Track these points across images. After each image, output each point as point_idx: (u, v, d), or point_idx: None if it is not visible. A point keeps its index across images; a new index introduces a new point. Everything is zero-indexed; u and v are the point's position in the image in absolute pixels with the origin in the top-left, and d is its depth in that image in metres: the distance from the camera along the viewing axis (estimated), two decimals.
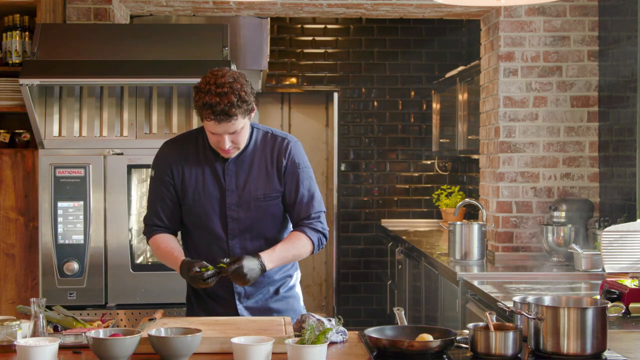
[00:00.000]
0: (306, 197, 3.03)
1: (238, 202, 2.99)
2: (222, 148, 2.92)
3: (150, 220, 3.08)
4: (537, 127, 4.96)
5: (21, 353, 2.34)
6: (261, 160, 3.02)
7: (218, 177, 3.00)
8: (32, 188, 4.30)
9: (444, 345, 2.47)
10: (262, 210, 3.01)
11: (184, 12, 5.16)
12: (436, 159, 7.68)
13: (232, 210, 3.00)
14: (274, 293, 3.11)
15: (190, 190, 3.01)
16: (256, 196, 2.99)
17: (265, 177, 3.01)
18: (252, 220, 3.00)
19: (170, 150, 3.05)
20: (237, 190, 2.99)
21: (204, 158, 3.02)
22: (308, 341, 2.36)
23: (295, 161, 3.03)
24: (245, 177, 3.00)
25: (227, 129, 2.85)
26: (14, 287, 4.32)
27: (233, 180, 3.00)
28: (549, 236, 4.73)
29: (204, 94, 2.81)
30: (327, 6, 5.10)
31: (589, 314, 2.42)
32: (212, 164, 3.01)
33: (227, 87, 2.81)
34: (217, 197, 3.00)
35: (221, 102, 2.79)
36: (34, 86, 3.97)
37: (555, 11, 4.95)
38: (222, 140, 2.89)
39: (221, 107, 2.79)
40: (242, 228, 3.00)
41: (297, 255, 3.01)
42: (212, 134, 2.89)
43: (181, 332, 2.50)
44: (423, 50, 7.68)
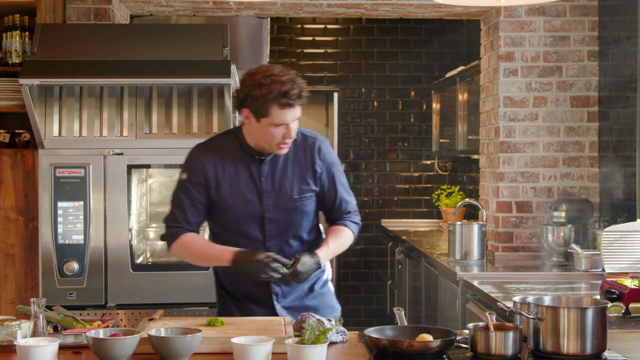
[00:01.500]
0: (345, 195, 3.11)
1: (275, 203, 3.00)
2: (289, 138, 2.92)
3: (176, 221, 3.02)
4: (537, 127, 4.96)
5: (21, 353, 2.34)
6: (294, 160, 3.04)
7: (254, 179, 3.00)
8: (32, 188, 4.30)
9: (444, 345, 2.47)
10: (298, 210, 3.03)
11: (184, 12, 5.16)
12: (436, 159, 7.68)
13: (269, 211, 3.00)
14: (309, 290, 3.12)
15: (225, 194, 3.00)
16: (292, 197, 3.01)
17: (300, 177, 3.03)
18: (289, 220, 3.03)
19: (203, 154, 3.04)
20: (274, 192, 3.00)
21: (239, 161, 3.01)
22: (308, 341, 2.36)
23: (329, 161, 3.09)
24: (280, 177, 3.01)
25: (295, 115, 2.89)
26: (14, 287, 4.33)
27: (269, 182, 3.00)
28: (549, 236, 4.73)
29: (272, 85, 2.83)
30: (327, 6, 5.10)
31: (589, 314, 2.42)
32: (247, 166, 3.01)
33: (288, 73, 2.88)
34: (254, 199, 2.99)
35: (294, 86, 2.84)
36: (34, 86, 3.97)
37: (555, 11, 4.95)
38: (288, 130, 2.90)
39: (295, 91, 2.84)
40: (279, 229, 3.02)
41: (344, 248, 3.09)
42: (276, 127, 2.88)
43: (181, 332, 2.50)
44: (423, 50, 7.68)
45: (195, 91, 4.21)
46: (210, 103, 4.20)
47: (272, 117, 2.87)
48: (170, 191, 3.11)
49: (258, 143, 2.97)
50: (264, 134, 2.92)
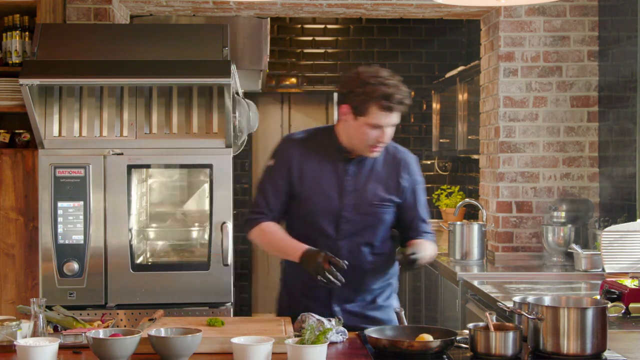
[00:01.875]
0: (424, 216, 3.15)
1: (354, 204, 3.02)
2: (382, 141, 2.96)
3: (259, 207, 3.08)
4: (537, 127, 4.96)
5: (21, 353, 2.35)
6: (383, 168, 3.08)
7: (338, 177, 3.03)
8: (32, 188, 4.29)
9: (443, 345, 2.47)
10: (375, 215, 3.05)
11: (184, 12, 5.16)
12: (436, 159, 7.68)
13: (347, 211, 3.02)
14: (371, 302, 3.11)
15: (306, 187, 3.03)
16: (372, 202, 3.03)
17: (384, 185, 3.06)
18: (364, 224, 3.04)
19: (293, 144, 3.09)
20: (355, 193, 3.03)
21: (327, 157, 3.05)
22: (308, 341, 2.36)
23: (415, 178, 3.15)
24: (364, 180, 3.04)
25: (392, 121, 2.94)
26: (14, 287, 4.32)
27: (352, 182, 3.03)
28: (549, 236, 4.73)
29: (377, 86, 2.88)
30: (327, 6, 5.10)
31: (589, 314, 2.42)
32: (335, 163, 3.04)
33: (395, 79, 2.94)
34: (334, 196, 3.02)
35: (398, 92, 2.90)
36: (34, 86, 3.96)
37: (555, 11, 4.95)
38: (382, 133, 2.94)
39: (399, 97, 2.90)
40: (353, 230, 3.03)
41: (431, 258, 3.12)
42: (372, 128, 2.93)
43: (181, 332, 2.50)
44: (423, 50, 7.68)
45: (195, 91, 4.21)
46: (210, 103, 4.20)
47: (370, 117, 2.91)
48: (170, 191, 3.12)
49: (351, 142, 3.01)
50: (359, 133, 2.96)
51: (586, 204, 4.85)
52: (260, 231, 3.06)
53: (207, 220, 4.13)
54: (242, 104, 4.38)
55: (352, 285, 3.01)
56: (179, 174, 4.49)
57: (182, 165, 4.26)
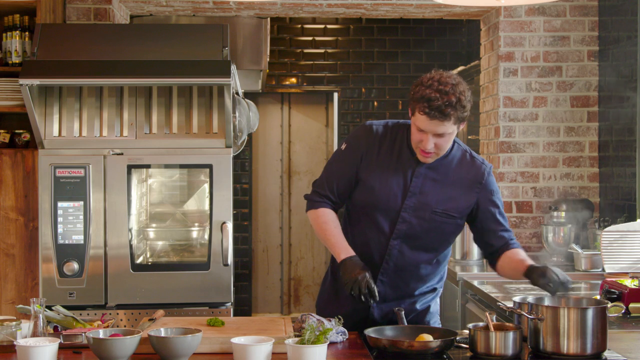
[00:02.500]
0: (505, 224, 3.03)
1: (415, 207, 2.95)
2: (422, 148, 2.87)
3: (323, 189, 3.04)
4: (537, 127, 4.96)
5: (21, 353, 2.35)
6: (455, 176, 2.97)
7: (405, 176, 2.96)
8: (32, 188, 4.29)
9: (443, 346, 2.47)
10: (434, 223, 2.96)
11: (184, 12, 5.16)
12: None
13: (406, 212, 2.95)
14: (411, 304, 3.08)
15: (371, 178, 2.97)
16: (434, 209, 2.95)
17: (452, 195, 2.96)
18: (421, 229, 2.96)
19: (369, 134, 3.01)
20: (418, 196, 2.95)
21: (398, 154, 2.97)
22: (308, 341, 2.36)
23: (490, 188, 3.01)
24: (431, 186, 2.96)
25: (436, 129, 2.81)
26: (14, 287, 4.32)
27: (419, 185, 2.95)
28: (549, 236, 4.73)
29: (424, 87, 2.81)
30: (327, 6, 5.10)
31: (589, 314, 2.42)
32: (406, 162, 2.97)
33: (450, 87, 2.81)
34: (397, 195, 2.95)
35: (441, 98, 2.78)
36: (34, 86, 3.96)
37: (555, 11, 4.95)
38: (425, 140, 2.84)
39: (438, 104, 2.77)
40: (408, 233, 2.96)
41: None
42: (418, 130, 2.85)
43: (181, 332, 2.50)
44: (423, 50, 7.68)
45: (195, 91, 4.21)
46: (210, 103, 4.20)
47: (415, 117, 2.84)
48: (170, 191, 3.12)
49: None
50: (412, 132, 2.90)
51: (586, 204, 4.85)
52: (317, 216, 3.02)
53: (207, 220, 4.13)
54: (242, 104, 4.38)
55: (395, 287, 2.99)
56: (178, 174, 4.49)
57: (182, 165, 4.26)
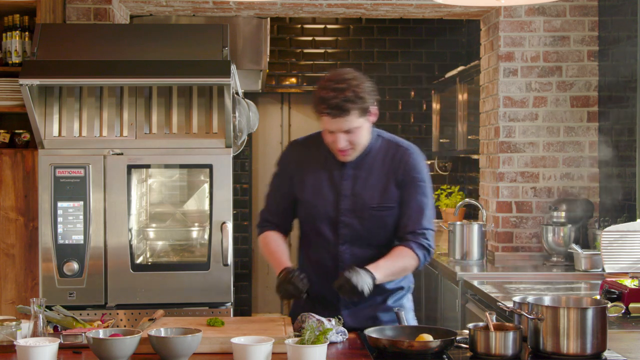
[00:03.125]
0: (415, 211, 2.95)
1: (351, 208, 2.96)
2: (337, 148, 2.90)
3: (264, 214, 3.14)
4: (537, 127, 4.96)
5: (21, 353, 2.35)
6: (381, 168, 2.99)
7: (335, 181, 2.98)
8: (32, 188, 4.29)
9: (443, 345, 2.47)
10: (375, 219, 2.97)
11: (184, 12, 5.16)
12: (436, 159, 7.67)
13: (345, 215, 2.97)
14: (382, 302, 3.05)
15: (306, 191, 3.01)
16: (371, 205, 2.96)
17: (383, 187, 2.97)
18: (364, 227, 2.97)
19: (293, 150, 3.10)
20: (352, 197, 2.97)
21: (324, 161, 3.02)
22: (308, 341, 2.36)
23: (412, 174, 2.98)
24: (362, 184, 2.97)
25: (342, 126, 2.85)
26: (13, 287, 4.32)
27: (349, 186, 2.98)
28: (549, 236, 4.73)
29: (321, 90, 2.85)
30: (327, 6, 5.10)
31: (589, 314, 2.42)
32: (332, 167, 3.00)
33: (345, 83, 2.84)
34: (332, 201, 2.97)
35: (337, 96, 2.81)
36: (34, 86, 3.96)
37: (555, 11, 4.95)
38: (336, 139, 2.88)
39: (336, 101, 2.80)
40: (353, 235, 2.97)
41: (403, 270, 2.95)
42: (328, 132, 2.90)
43: (181, 332, 2.50)
44: (423, 50, 7.68)
45: (195, 91, 4.21)
46: (210, 103, 4.20)
47: (321, 121, 2.90)
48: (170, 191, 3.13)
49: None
50: (324, 136, 2.96)
51: (586, 204, 4.85)
52: (262, 239, 3.13)
53: (207, 220, 4.13)
54: (242, 104, 4.38)
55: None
56: (178, 174, 4.49)
57: (182, 165, 4.26)
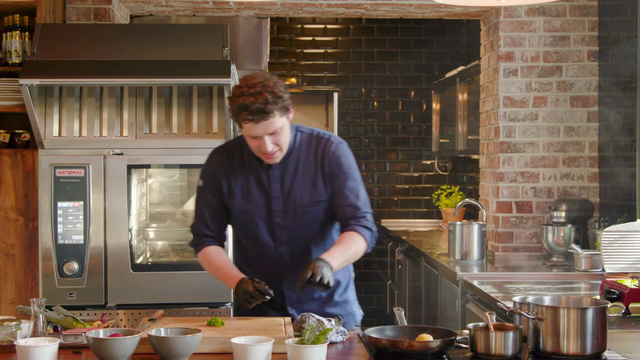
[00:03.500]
0: (350, 198, 2.95)
1: (284, 209, 2.96)
2: (264, 152, 2.88)
3: (198, 229, 3.06)
4: (537, 127, 4.96)
5: (21, 353, 2.34)
6: (306, 164, 2.97)
7: (263, 184, 2.97)
8: (32, 188, 4.29)
9: (443, 346, 2.47)
10: (308, 215, 2.97)
11: (184, 12, 5.16)
12: (436, 159, 7.68)
13: (278, 217, 2.96)
14: (328, 299, 3.06)
15: (236, 199, 2.98)
16: (302, 202, 2.95)
17: (311, 182, 2.96)
18: (299, 226, 2.97)
19: (216, 159, 3.04)
20: (282, 197, 2.96)
21: (249, 165, 2.99)
22: (308, 341, 2.36)
23: (338, 163, 2.98)
24: (290, 183, 2.96)
25: (267, 129, 2.81)
26: (13, 287, 4.32)
27: (278, 187, 2.96)
28: (548, 236, 4.73)
29: (237, 98, 2.80)
30: (327, 6, 5.10)
31: (589, 314, 2.42)
32: (257, 171, 2.98)
33: (260, 86, 2.79)
34: (263, 204, 2.96)
35: (256, 100, 2.77)
36: (34, 86, 3.96)
37: (555, 11, 4.95)
38: (263, 143, 2.84)
39: (257, 106, 2.77)
40: (289, 234, 2.97)
41: (355, 254, 2.92)
42: (252, 138, 2.86)
43: (181, 332, 2.50)
44: (423, 50, 7.68)
45: (195, 91, 4.21)
46: (210, 103, 4.20)
47: (243, 129, 2.85)
48: (170, 191, 3.12)
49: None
50: (248, 143, 2.91)
51: (586, 204, 4.85)
52: (204, 256, 3.05)
53: None
54: None
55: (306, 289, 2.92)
56: (178, 174, 4.49)
57: (182, 165, 4.26)
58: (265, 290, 2.79)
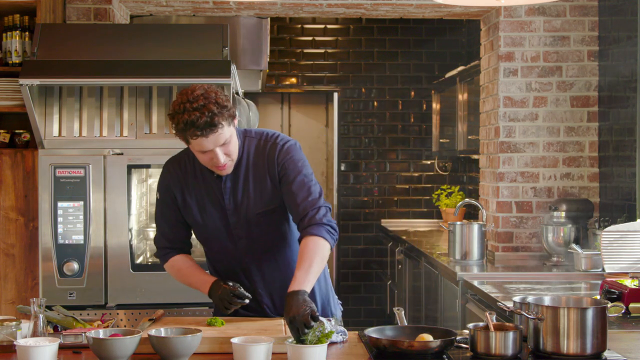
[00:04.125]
0: (300, 195, 2.83)
1: (238, 221, 2.88)
2: (216, 165, 2.76)
3: (161, 242, 3.00)
4: (537, 127, 4.96)
5: (21, 353, 2.34)
6: (255, 170, 2.88)
7: (216, 197, 2.88)
8: (32, 188, 4.30)
9: (443, 346, 2.47)
10: (265, 224, 2.90)
11: (184, 12, 5.16)
12: (436, 159, 7.68)
13: (236, 228, 2.90)
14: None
15: (193, 213, 2.91)
16: (256, 212, 2.87)
17: (262, 191, 2.87)
18: (258, 235, 2.90)
19: (170, 172, 2.94)
20: (237, 209, 2.88)
21: (202, 178, 2.89)
22: (311, 343, 2.36)
23: (285, 164, 2.86)
24: (242, 194, 2.87)
25: (217, 141, 2.69)
26: (13, 287, 4.32)
27: (231, 199, 2.87)
28: (548, 236, 4.73)
29: (181, 114, 2.65)
30: (327, 6, 5.10)
31: (589, 314, 2.42)
32: (210, 184, 2.88)
33: (202, 99, 2.65)
34: (220, 216, 2.89)
35: (202, 115, 2.63)
36: (34, 86, 3.96)
37: (555, 11, 4.95)
38: (215, 156, 2.73)
39: (203, 120, 2.63)
40: (251, 245, 2.91)
41: (322, 260, 2.79)
42: (202, 153, 2.74)
43: (181, 332, 2.50)
44: (423, 50, 7.68)
45: None
46: None
47: (192, 144, 2.72)
48: None
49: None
50: (198, 158, 2.79)
51: (586, 204, 4.85)
52: (172, 267, 3.00)
53: None
54: (242, 104, 4.38)
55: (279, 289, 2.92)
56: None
57: None
58: (243, 293, 2.78)
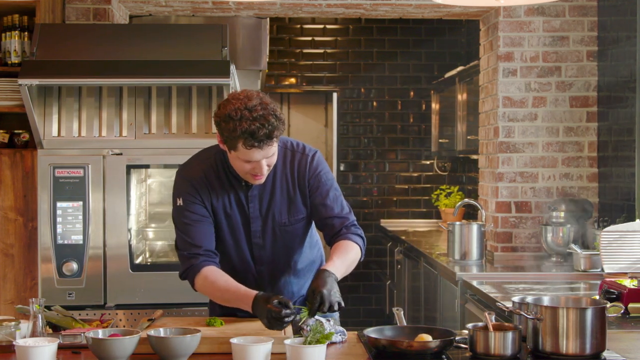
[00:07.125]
0: (335, 208, 2.87)
1: (263, 230, 2.88)
2: (256, 174, 2.74)
3: (189, 249, 2.82)
4: (536, 127, 4.96)
5: (20, 353, 2.34)
6: (282, 180, 2.87)
7: (242, 204, 2.86)
8: (31, 188, 4.29)
9: (443, 346, 2.47)
10: (288, 234, 2.90)
11: (183, 12, 5.16)
12: (435, 159, 7.68)
13: (256, 237, 2.89)
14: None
15: (218, 217, 2.87)
16: (281, 222, 2.88)
17: (289, 200, 2.87)
18: (278, 245, 2.90)
19: (192, 176, 2.86)
20: (261, 217, 2.87)
21: (227, 184, 2.86)
22: (311, 343, 2.36)
23: (317, 177, 2.87)
24: (268, 202, 2.86)
25: (267, 154, 2.68)
26: (13, 287, 4.32)
27: (257, 207, 2.86)
28: (548, 236, 4.73)
29: (238, 121, 2.61)
30: (326, 6, 5.10)
31: (588, 314, 2.42)
32: (236, 190, 2.85)
33: (260, 108, 2.63)
34: (242, 225, 2.87)
35: (262, 126, 2.61)
36: (33, 86, 3.96)
37: (554, 11, 4.95)
38: (259, 167, 2.70)
39: (264, 132, 2.61)
40: (269, 255, 2.91)
41: (353, 263, 2.80)
42: (246, 162, 2.70)
43: (180, 332, 2.50)
44: (422, 50, 7.68)
45: (195, 91, 4.21)
46: (210, 103, 4.20)
47: (239, 153, 2.68)
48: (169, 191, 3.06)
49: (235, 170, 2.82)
50: (236, 165, 2.76)
51: (585, 204, 4.85)
52: (205, 279, 2.79)
53: None
54: None
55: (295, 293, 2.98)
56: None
57: None
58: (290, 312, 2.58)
